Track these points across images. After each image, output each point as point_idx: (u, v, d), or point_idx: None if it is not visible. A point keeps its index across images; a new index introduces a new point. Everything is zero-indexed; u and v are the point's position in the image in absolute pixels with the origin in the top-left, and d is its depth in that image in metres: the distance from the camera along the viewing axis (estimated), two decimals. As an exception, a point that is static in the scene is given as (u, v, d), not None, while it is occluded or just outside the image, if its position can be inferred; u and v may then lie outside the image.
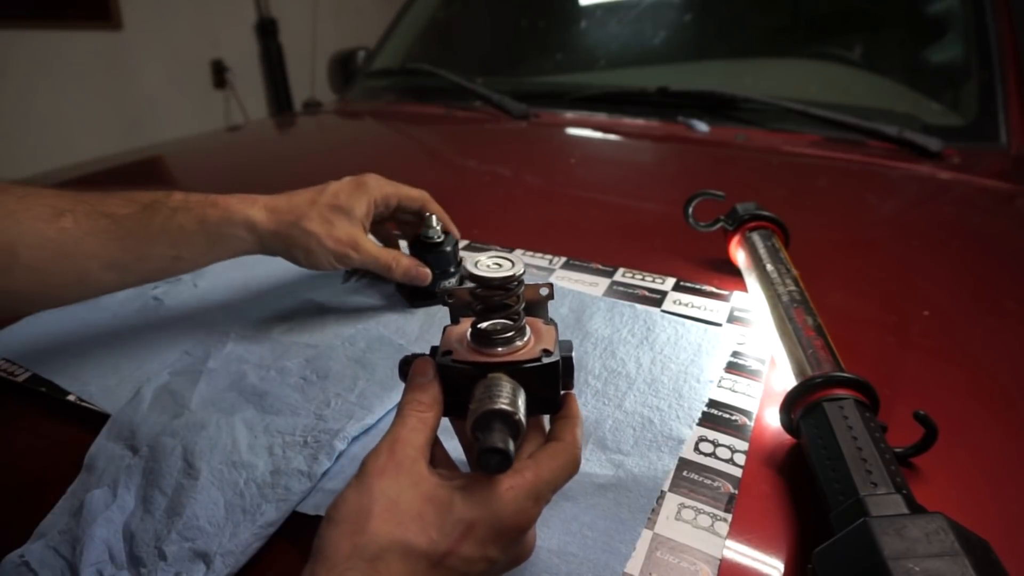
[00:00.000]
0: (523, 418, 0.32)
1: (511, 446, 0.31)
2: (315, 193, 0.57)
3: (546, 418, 0.39)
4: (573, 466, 0.35)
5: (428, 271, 0.60)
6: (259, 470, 0.43)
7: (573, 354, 0.37)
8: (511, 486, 0.32)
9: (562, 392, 0.37)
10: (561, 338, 0.39)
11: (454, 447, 0.41)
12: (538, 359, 0.35)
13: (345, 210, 0.56)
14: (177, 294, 0.67)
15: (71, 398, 0.52)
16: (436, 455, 0.36)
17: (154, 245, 0.50)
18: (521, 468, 0.33)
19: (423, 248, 0.62)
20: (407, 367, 0.37)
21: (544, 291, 0.40)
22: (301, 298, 0.65)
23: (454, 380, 0.35)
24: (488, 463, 0.30)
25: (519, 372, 0.35)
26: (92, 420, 0.50)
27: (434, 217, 0.62)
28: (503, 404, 0.32)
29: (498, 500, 0.31)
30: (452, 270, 0.64)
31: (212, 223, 0.52)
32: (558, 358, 0.36)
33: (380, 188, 0.59)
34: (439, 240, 0.62)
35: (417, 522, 0.30)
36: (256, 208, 0.54)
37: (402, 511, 0.30)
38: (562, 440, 0.35)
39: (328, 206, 0.56)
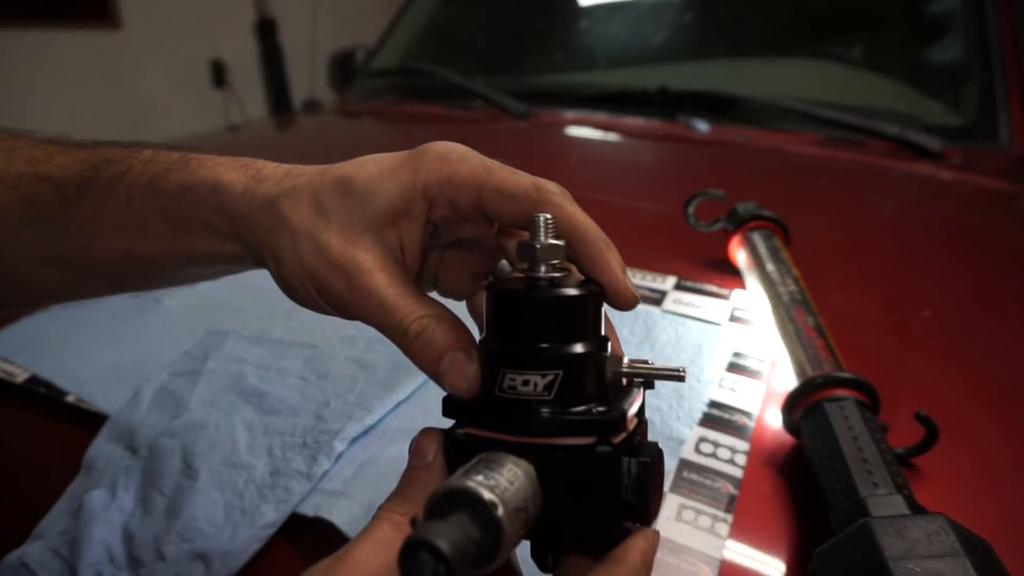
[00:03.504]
0: (508, 527, 0.21)
1: (459, 559, 0.19)
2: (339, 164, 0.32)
3: None
4: None
5: (475, 372, 0.27)
6: (258, 471, 0.43)
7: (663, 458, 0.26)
8: None
9: (628, 523, 0.25)
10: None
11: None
12: (589, 447, 0.24)
13: (359, 194, 0.29)
14: (176, 294, 0.66)
15: (70, 399, 0.52)
16: None
17: (97, 231, 0.34)
18: None
19: (502, 304, 0.27)
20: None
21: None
22: (301, 298, 0.65)
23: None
24: (413, 570, 0.18)
25: (551, 464, 0.24)
26: (91, 421, 0.50)
27: (551, 238, 0.27)
28: (480, 486, 0.21)
29: None
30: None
31: (169, 193, 0.32)
32: (627, 457, 0.24)
33: (443, 166, 0.29)
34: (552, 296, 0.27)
35: None
36: (236, 170, 0.32)
37: None
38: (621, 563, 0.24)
39: (335, 181, 0.30)
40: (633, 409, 0.26)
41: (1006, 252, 0.80)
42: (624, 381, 0.27)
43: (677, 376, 0.26)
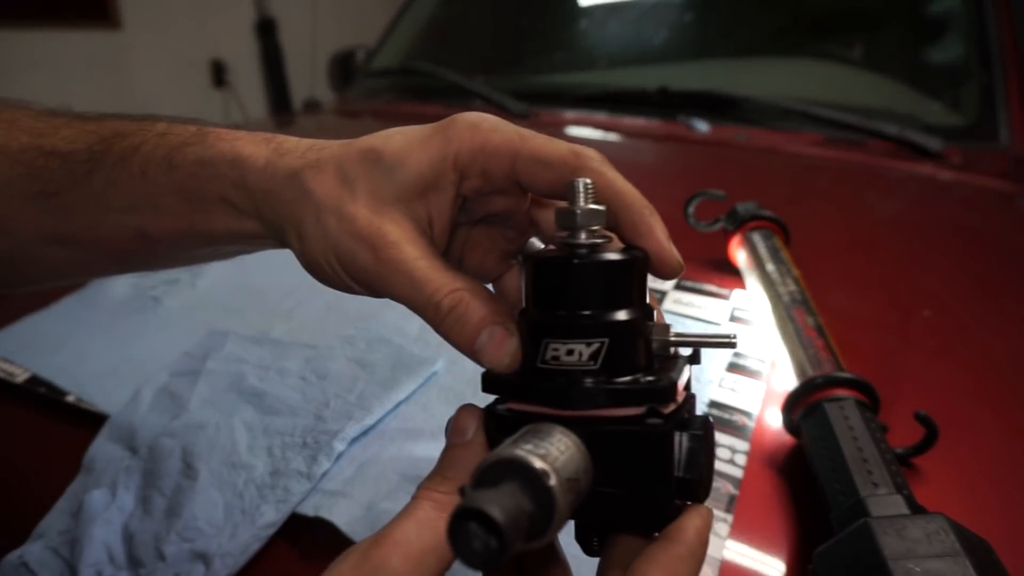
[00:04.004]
0: (561, 498, 0.19)
1: (512, 529, 0.17)
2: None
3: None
4: None
5: (516, 345, 0.26)
6: (258, 471, 0.43)
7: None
8: None
9: (679, 502, 0.24)
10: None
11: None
12: (638, 418, 0.23)
13: (387, 166, 0.28)
14: (176, 294, 0.66)
15: (70, 399, 0.52)
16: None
17: (107, 207, 0.33)
18: None
19: (543, 272, 0.26)
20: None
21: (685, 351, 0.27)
22: (301, 298, 0.65)
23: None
24: (462, 541, 0.17)
25: (599, 437, 0.23)
26: (91, 421, 0.50)
27: (591, 203, 0.26)
28: (530, 455, 0.19)
29: None
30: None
31: (186, 167, 0.31)
32: (676, 430, 0.23)
33: (475, 135, 0.28)
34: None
35: None
36: (257, 144, 0.31)
37: None
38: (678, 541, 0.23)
39: (361, 153, 0.29)
40: (683, 379, 0.25)
41: (1006, 252, 0.80)
42: (672, 351, 0.26)
43: (729, 343, 0.25)
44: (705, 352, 0.57)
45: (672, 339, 0.25)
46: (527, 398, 0.25)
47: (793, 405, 0.45)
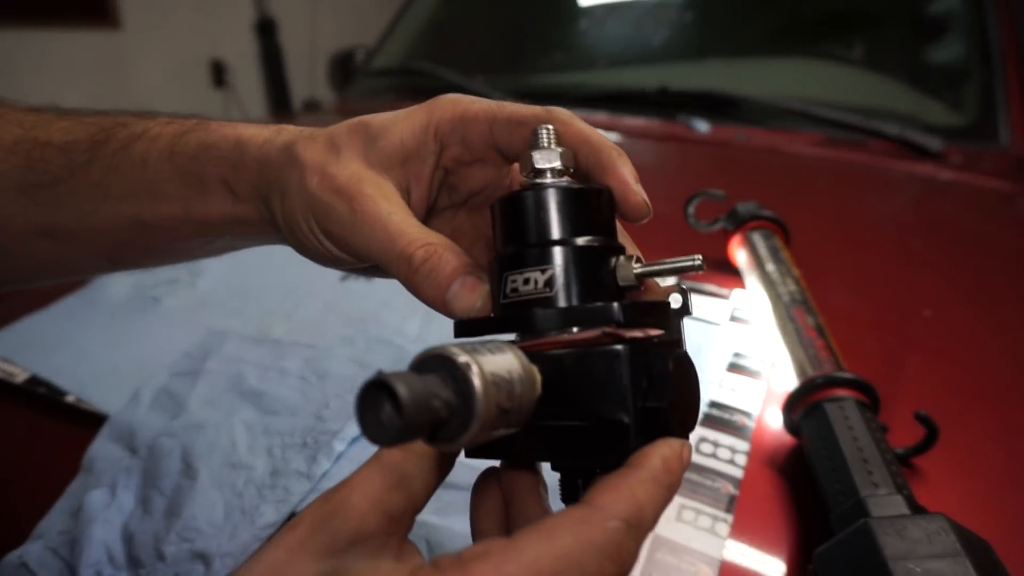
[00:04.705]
0: (482, 393, 0.19)
1: (415, 408, 0.17)
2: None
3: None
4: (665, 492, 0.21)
5: (486, 291, 0.26)
6: (258, 471, 0.43)
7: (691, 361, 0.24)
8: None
9: (654, 436, 0.22)
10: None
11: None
12: (593, 340, 0.22)
13: (372, 133, 0.30)
14: (176, 294, 0.66)
15: (70, 399, 0.52)
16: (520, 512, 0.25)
17: (104, 196, 0.33)
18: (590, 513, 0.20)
19: (501, 210, 0.27)
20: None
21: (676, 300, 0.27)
22: (301, 298, 0.65)
23: None
24: (366, 414, 0.17)
25: (557, 364, 0.22)
26: (91, 421, 0.50)
27: (553, 146, 0.26)
28: (459, 350, 0.19)
29: None
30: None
31: (188, 151, 0.32)
32: (624, 351, 0.22)
33: (456, 106, 0.30)
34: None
35: None
36: (258, 128, 0.33)
37: None
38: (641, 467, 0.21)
39: (351, 125, 0.30)
40: (654, 304, 0.25)
41: (1006, 252, 0.80)
42: (642, 287, 0.26)
43: (694, 266, 0.25)
44: (705, 352, 0.57)
45: (637, 269, 0.25)
46: (490, 332, 0.25)
47: (793, 405, 0.45)
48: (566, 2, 1.60)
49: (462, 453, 0.24)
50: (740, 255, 0.68)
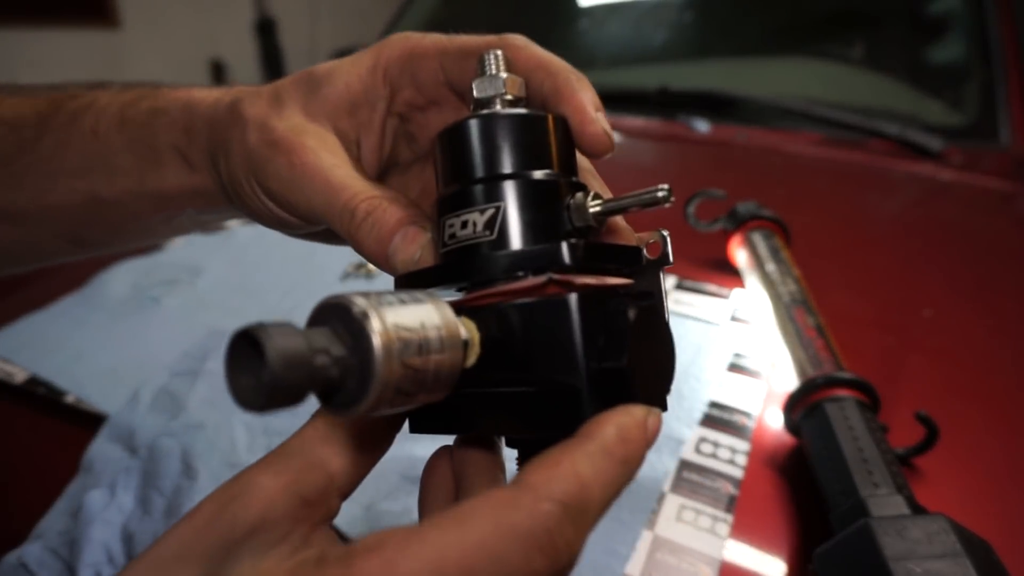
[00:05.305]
0: (381, 345, 0.16)
1: (285, 363, 0.14)
2: None
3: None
4: (624, 469, 0.18)
5: (428, 239, 0.24)
6: (258, 471, 0.43)
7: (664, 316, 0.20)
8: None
9: (614, 402, 0.19)
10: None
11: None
12: (537, 288, 0.19)
13: (316, 82, 0.28)
14: (176, 294, 0.66)
15: (69, 399, 0.52)
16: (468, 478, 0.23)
17: (57, 172, 0.31)
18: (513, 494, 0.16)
19: (441, 144, 0.24)
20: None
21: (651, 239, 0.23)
22: (301, 298, 0.65)
23: None
24: (233, 370, 0.15)
25: (500, 318, 0.19)
26: (91, 421, 0.49)
27: (501, 72, 0.24)
28: (358, 296, 0.16)
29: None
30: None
31: (138, 120, 0.30)
32: (573, 301, 0.18)
33: (406, 44, 0.27)
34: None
35: None
36: (209, 91, 0.31)
37: None
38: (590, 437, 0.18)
39: (297, 77, 0.29)
40: (614, 245, 0.21)
41: (1006, 252, 0.80)
42: (604, 226, 0.23)
43: (661, 197, 0.21)
44: (705, 352, 0.57)
45: (594, 206, 0.21)
46: (427, 284, 0.21)
47: (793, 405, 0.45)
48: (566, 2, 1.60)
49: (406, 428, 0.21)
50: (740, 255, 0.68)
